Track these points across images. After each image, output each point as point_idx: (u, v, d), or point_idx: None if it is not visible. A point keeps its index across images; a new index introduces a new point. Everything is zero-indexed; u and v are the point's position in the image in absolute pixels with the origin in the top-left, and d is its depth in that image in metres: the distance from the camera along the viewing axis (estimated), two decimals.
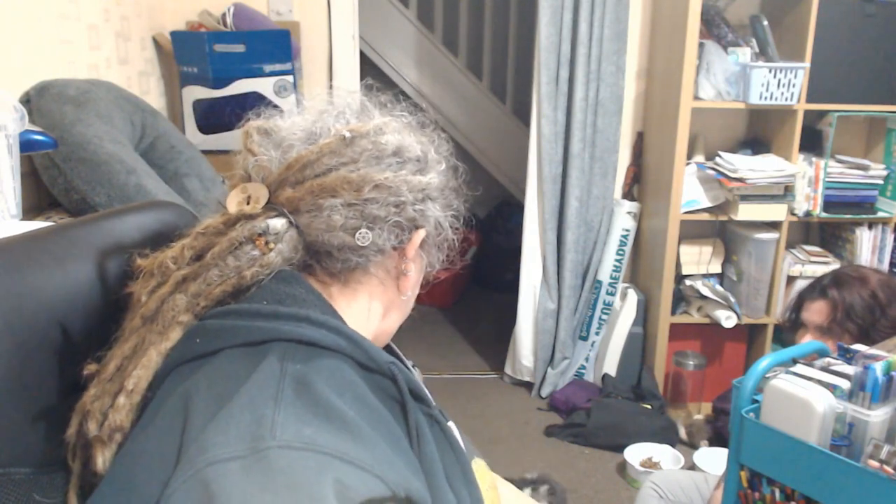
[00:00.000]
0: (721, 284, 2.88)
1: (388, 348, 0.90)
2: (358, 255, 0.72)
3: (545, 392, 3.06)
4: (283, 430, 0.54)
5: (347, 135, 0.72)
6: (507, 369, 3.21)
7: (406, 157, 0.75)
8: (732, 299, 2.77)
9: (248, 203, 0.71)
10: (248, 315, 0.65)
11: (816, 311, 1.67)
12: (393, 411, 0.65)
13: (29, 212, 1.59)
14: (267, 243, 0.69)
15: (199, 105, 2.41)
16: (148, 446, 0.59)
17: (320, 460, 0.53)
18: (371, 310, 0.77)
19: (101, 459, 0.63)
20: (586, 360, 3.12)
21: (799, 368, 1.26)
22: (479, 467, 0.79)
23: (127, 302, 0.70)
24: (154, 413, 0.62)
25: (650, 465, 2.52)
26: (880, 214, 2.70)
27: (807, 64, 2.55)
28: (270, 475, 0.51)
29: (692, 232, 2.85)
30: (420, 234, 0.76)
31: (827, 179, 2.65)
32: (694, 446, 2.69)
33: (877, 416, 1.13)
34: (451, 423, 0.73)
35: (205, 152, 2.11)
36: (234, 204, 0.71)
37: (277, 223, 0.70)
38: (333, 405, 0.58)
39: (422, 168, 0.77)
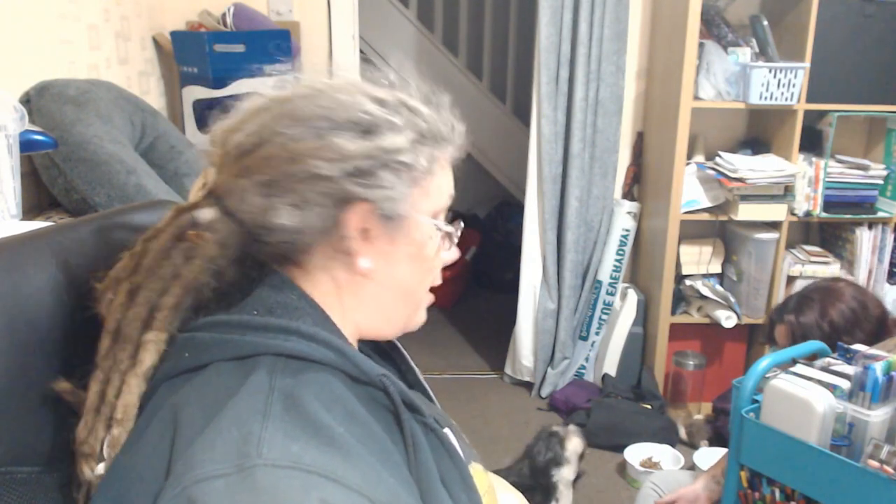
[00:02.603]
0: (721, 284, 2.88)
1: (391, 345, 0.90)
2: (293, 237, 0.67)
3: (545, 392, 3.06)
4: (270, 447, 0.53)
5: (264, 101, 0.68)
6: (507, 369, 3.21)
7: (341, 122, 0.67)
8: (732, 299, 2.77)
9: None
10: (238, 327, 0.65)
11: (780, 334, 1.68)
12: (386, 423, 0.64)
13: (29, 212, 1.59)
14: (199, 235, 0.67)
15: (199, 105, 2.42)
16: (138, 461, 0.59)
17: (305, 479, 0.52)
18: (342, 300, 0.72)
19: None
20: (586, 360, 3.12)
21: (799, 368, 1.26)
22: (476, 471, 0.79)
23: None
24: (145, 427, 0.61)
25: (650, 465, 2.52)
26: (880, 214, 2.70)
27: (807, 64, 2.54)
28: (255, 494, 0.51)
29: (692, 232, 2.85)
30: (360, 209, 0.68)
31: (827, 179, 2.65)
32: (694, 446, 2.69)
33: (877, 416, 1.13)
34: (446, 430, 0.72)
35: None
36: (193, 194, 0.71)
37: (207, 212, 0.68)
38: (322, 421, 0.57)
39: (367, 131, 0.67)
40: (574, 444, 2.14)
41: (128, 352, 0.66)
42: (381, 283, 0.72)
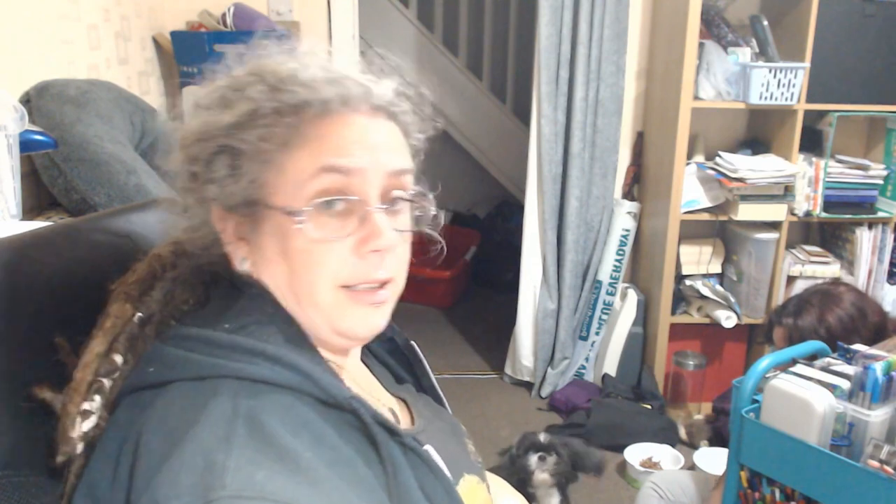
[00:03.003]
0: (721, 284, 2.88)
1: (409, 348, 0.89)
2: (200, 241, 0.71)
3: (545, 392, 3.06)
4: (234, 476, 0.52)
5: None
6: (507, 369, 3.21)
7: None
8: (732, 299, 2.77)
9: None
10: (206, 344, 0.63)
11: (778, 336, 1.68)
12: (360, 445, 0.62)
13: (29, 212, 1.59)
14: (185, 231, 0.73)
15: None
16: (110, 493, 0.58)
17: None
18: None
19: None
20: (586, 360, 3.12)
21: (799, 368, 1.26)
22: (470, 484, 0.76)
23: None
24: (115, 450, 0.60)
25: (650, 465, 2.52)
26: (880, 214, 2.70)
27: (807, 64, 2.54)
28: None
29: (692, 232, 2.85)
30: (215, 210, 0.68)
31: (827, 179, 2.65)
32: (694, 446, 2.69)
33: (877, 416, 1.13)
34: (427, 447, 0.69)
35: None
36: None
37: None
38: (288, 446, 0.56)
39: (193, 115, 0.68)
40: (539, 479, 2.10)
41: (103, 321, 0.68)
42: (271, 287, 0.68)
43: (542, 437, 2.11)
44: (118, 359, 0.66)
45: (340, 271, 0.66)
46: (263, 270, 0.68)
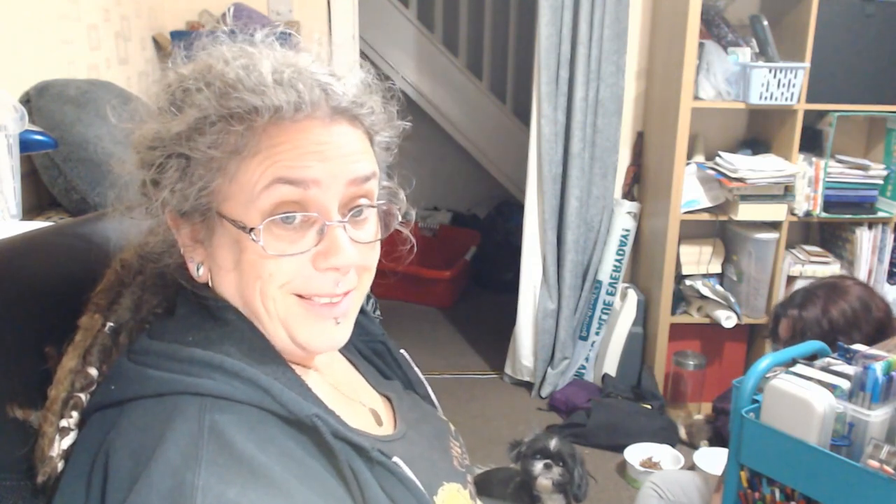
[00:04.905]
0: (721, 284, 2.88)
1: (400, 354, 0.88)
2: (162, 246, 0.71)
3: (545, 392, 3.06)
4: (205, 495, 0.52)
5: None
6: (507, 369, 3.21)
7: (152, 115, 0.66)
8: (732, 299, 2.77)
9: None
10: (164, 359, 0.61)
11: (783, 328, 1.69)
12: (326, 460, 0.61)
13: (29, 212, 1.59)
14: (153, 233, 0.71)
15: None
16: None
17: None
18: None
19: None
20: (586, 360, 3.12)
21: (799, 368, 1.26)
22: (450, 491, 0.74)
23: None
24: (86, 470, 0.58)
25: (650, 465, 2.52)
26: (880, 214, 2.70)
27: (807, 64, 2.54)
28: None
29: (692, 232, 2.85)
30: (169, 213, 0.66)
31: (827, 179, 2.65)
32: (694, 446, 2.69)
33: (877, 416, 1.13)
34: (395, 459, 0.66)
35: None
36: None
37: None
38: (257, 461, 0.55)
39: (147, 119, 0.66)
40: (542, 485, 2.09)
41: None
42: (226, 296, 0.66)
43: (553, 445, 2.11)
44: (93, 372, 0.65)
45: (295, 280, 0.64)
46: (217, 278, 0.66)
